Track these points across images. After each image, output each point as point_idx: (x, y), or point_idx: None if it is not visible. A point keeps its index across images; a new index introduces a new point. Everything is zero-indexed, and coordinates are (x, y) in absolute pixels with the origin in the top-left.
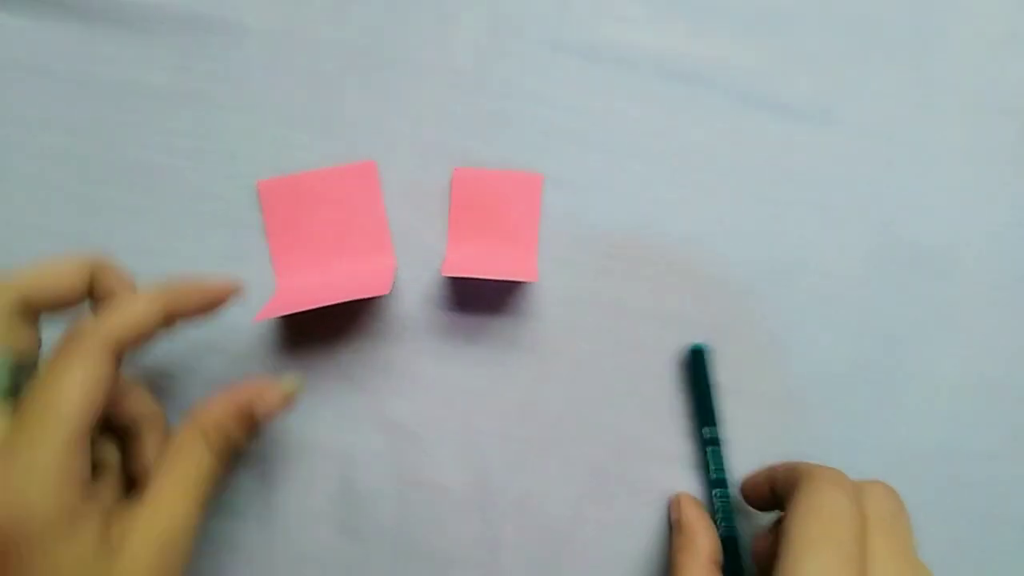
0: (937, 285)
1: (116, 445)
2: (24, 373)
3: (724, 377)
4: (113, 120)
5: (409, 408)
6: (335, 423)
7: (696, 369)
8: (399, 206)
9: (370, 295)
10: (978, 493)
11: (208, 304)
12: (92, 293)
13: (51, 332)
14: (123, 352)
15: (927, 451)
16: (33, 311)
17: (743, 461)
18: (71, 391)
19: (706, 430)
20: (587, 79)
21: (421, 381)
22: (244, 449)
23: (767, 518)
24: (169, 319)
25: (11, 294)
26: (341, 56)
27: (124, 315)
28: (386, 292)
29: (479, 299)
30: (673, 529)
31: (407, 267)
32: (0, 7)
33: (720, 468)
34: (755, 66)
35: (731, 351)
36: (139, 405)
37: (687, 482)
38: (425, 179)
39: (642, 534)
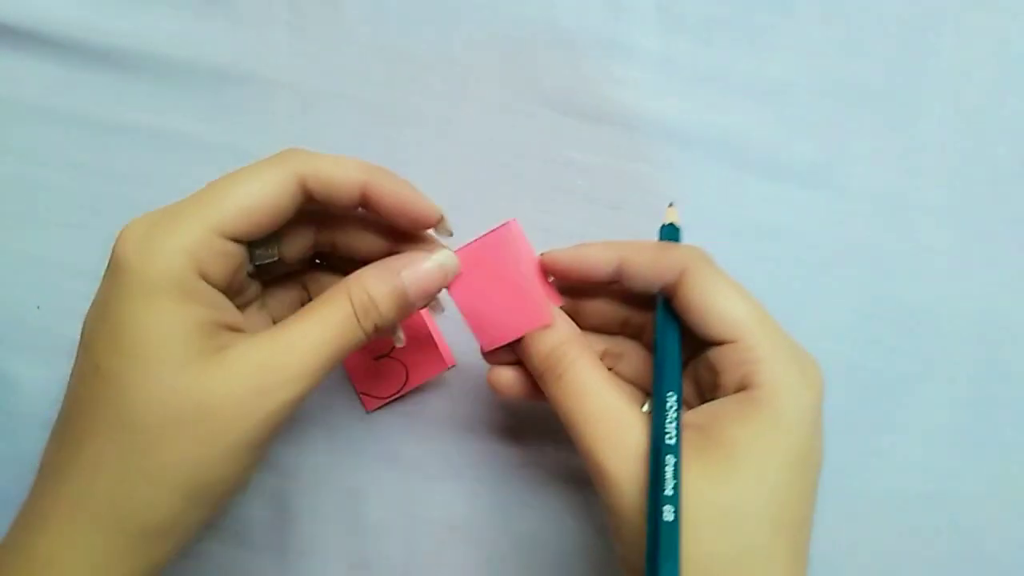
0: (920, 340)
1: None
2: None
3: None
4: (146, 166)
5: (419, 446)
6: (348, 460)
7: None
8: None
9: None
10: (957, 539)
11: (407, 209)
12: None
13: None
14: (310, 188)
15: (909, 498)
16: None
17: None
18: (240, 189)
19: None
20: (593, 140)
21: (431, 421)
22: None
23: None
24: (364, 197)
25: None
26: (363, 111)
27: (328, 160)
28: (452, 364)
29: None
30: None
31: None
32: (39, 56)
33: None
34: (753, 131)
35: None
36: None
37: None
38: None
39: None
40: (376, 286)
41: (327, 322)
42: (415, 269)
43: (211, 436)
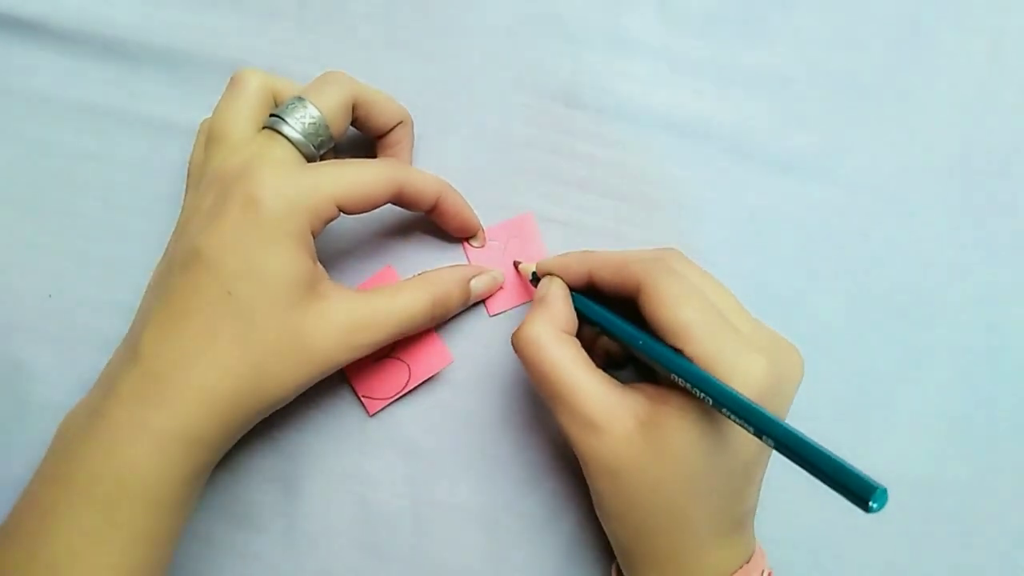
0: (913, 329)
1: None
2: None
3: None
4: (155, 155)
5: (425, 433)
6: (356, 444)
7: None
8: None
9: (441, 368)
10: (953, 527)
11: (460, 221)
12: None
13: None
14: (404, 193)
15: (901, 484)
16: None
17: None
18: (360, 176)
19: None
20: (596, 132)
21: (436, 410)
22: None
23: None
24: (437, 205)
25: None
26: None
27: (419, 175)
28: (450, 362)
29: (488, 333)
30: (533, 303)
31: None
32: (49, 47)
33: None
34: (753, 122)
35: None
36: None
37: None
38: None
39: None
40: (455, 285)
41: (409, 304)
42: (479, 279)
43: (302, 366)
